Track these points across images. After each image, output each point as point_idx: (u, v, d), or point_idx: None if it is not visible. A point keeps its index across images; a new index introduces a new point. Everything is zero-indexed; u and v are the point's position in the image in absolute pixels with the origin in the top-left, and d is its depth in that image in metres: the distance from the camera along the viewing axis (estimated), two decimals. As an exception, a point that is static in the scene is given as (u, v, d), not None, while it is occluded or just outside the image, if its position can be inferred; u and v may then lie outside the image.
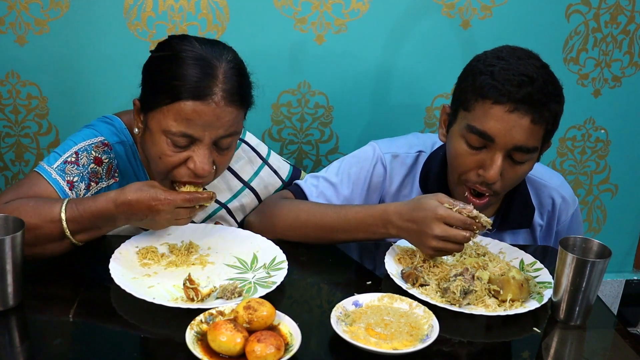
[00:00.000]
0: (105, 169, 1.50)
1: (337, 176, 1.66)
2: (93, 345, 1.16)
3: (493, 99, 1.43)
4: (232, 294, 1.28)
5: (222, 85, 1.38)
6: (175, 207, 1.32)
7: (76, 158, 1.46)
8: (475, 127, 1.45)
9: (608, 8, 2.10)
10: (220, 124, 1.38)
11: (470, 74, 1.49)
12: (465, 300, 1.31)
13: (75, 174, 1.45)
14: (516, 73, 1.42)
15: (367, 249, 1.60)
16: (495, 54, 1.49)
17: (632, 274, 2.55)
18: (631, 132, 2.30)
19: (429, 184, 1.64)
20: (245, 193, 1.68)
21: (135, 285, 1.29)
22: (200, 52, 1.39)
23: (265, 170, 1.71)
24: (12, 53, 1.91)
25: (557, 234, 1.72)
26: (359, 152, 1.70)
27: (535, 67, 1.44)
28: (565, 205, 1.69)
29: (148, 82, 1.44)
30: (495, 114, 1.43)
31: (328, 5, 1.97)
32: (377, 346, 1.15)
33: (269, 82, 2.03)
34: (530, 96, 1.41)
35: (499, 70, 1.43)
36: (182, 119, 1.36)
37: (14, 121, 2.00)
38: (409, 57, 2.07)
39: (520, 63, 1.44)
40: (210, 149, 1.40)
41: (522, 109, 1.41)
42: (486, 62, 1.47)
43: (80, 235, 1.36)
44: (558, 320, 1.30)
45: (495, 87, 1.42)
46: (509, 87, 1.41)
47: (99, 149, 1.49)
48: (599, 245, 1.32)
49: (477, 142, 1.47)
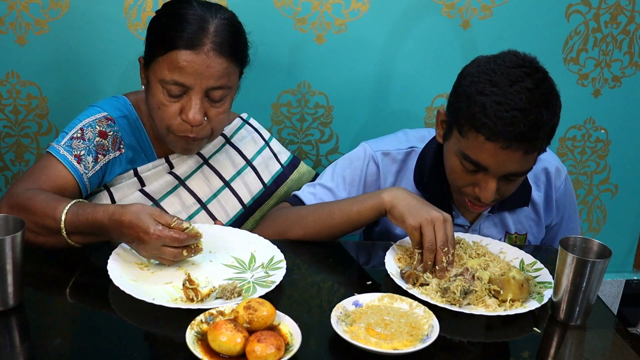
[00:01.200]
0: (111, 141, 1.56)
1: (333, 181, 1.68)
2: (93, 345, 1.16)
3: (486, 135, 1.42)
4: (232, 294, 1.28)
5: (213, 37, 1.47)
6: (161, 244, 1.30)
7: (82, 134, 1.53)
8: (469, 157, 1.47)
9: (608, 8, 2.10)
10: (210, 74, 1.46)
11: (464, 98, 1.46)
12: (466, 300, 1.31)
13: (82, 148, 1.52)
14: (509, 108, 1.39)
15: (367, 249, 1.60)
16: (489, 75, 1.43)
17: (632, 274, 2.55)
18: (631, 132, 2.30)
19: (424, 177, 1.65)
20: (248, 171, 1.71)
21: (135, 286, 1.28)
22: (198, 10, 1.49)
23: (267, 151, 1.76)
24: (12, 53, 1.91)
25: (556, 202, 1.75)
26: (351, 154, 1.72)
27: (529, 91, 1.40)
28: (558, 173, 1.74)
29: (148, 38, 1.54)
30: (488, 149, 1.44)
31: (328, 5, 1.97)
32: (378, 346, 1.15)
33: (269, 82, 2.04)
34: (522, 134, 1.40)
35: (491, 104, 1.40)
36: (174, 67, 1.46)
37: (14, 121, 2.00)
38: (408, 57, 2.07)
39: (512, 91, 1.40)
40: (202, 100, 1.48)
41: (515, 146, 1.42)
42: (478, 87, 1.43)
43: (76, 237, 1.38)
44: (558, 320, 1.30)
45: (488, 125, 1.40)
46: (501, 127, 1.39)
47: (102, 123, 1.56)
48: (599, 245, 1.32)
49: (471, 167, 1.49)
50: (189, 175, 1.64)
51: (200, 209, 1.64)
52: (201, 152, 1.66)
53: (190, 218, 1.63)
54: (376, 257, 1.52)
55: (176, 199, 1.62)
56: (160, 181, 1.62)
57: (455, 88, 1.52)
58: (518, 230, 1.72)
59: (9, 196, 1.43)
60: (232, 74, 1.52)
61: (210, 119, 1.52)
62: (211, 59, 1.46)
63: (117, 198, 1.59)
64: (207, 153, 1.67)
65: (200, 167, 1.66)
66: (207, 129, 1.53)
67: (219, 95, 1.50)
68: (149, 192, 1.60)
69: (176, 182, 1.63)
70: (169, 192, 1.62)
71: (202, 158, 1.67)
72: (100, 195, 1.59)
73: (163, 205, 1.61)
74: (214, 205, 1.66)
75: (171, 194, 1.63)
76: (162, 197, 1.62)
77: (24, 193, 1.42)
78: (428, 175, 1.64)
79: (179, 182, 1.63)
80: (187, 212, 1.63)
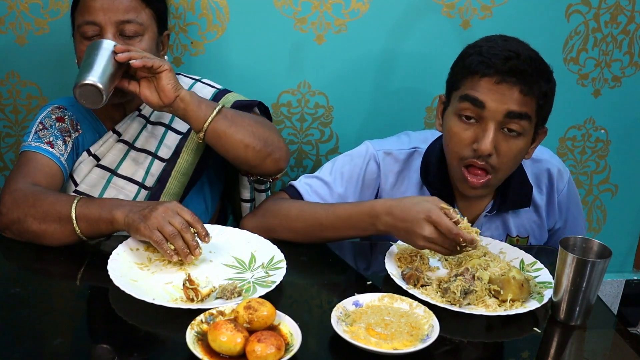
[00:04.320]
0: (69, 123, 1.67)
1: (331, 175, 1.68)
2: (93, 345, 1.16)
3: (480, 72, 1.48)
4: (232, 294, 1.28)
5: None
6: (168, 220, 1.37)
7: (42, 126, 1.64)
8: (466, 94, 1.50)
9: (608, 8, 2.10)
10: (117, 8, 1.56)
11: (460, 59, 1.56)
12: (466, 300, 1.31)
13: (49, 136, 1.62)
14: (503, 49, 1.49)
15: (367, 249, 1.60)
16: (485, 38, 1.56)
17: (632, 274, 2.55)
18: (631, 132, 2.30)
19: (430, 176, 1.66)
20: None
21: (135, 286, 1.28)
22: None
23: (198, 84, 1.78)
24: (12, 53, 1.91)
25: (559, 204, 1.74)
26: (353, 151, 1.72)
27: (522, 46, 1.51)
28: (560, 175, 1.73)
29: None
30: (483, 85, 1.48)
31: (328, 5, 1.97)
32: (378, 346, 1.15)
33: (269, 82, 2.04)
34: (516, 67, 1.46)
35: (487, 49, 1.50)
36: (84, 9, 1.57)
37: (14, 121, 2.00)
38: (408, 57, 2.07)
39: (507, 42, 1.51)
40: (115, 37, 1.56)
41: (510, 81, 1.47)
42: (475, 45, 1.55)
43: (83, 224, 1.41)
44: (558, 320, 1.30)
45: (482, 61, 1.48)
46: (495, 60, 1.47)
47: (55, 111, 1.68)
48: (599, 245, 1.32)
49: (469, 111, 1.50)
50: (137, 137, 1.70)
51: (153, 159, 1.69)
52: (143, 113, 1.71)
53: (148, 171, 1.68)
54: (376, 257, 1.52)
55: (130, 161, 1.69)
56: (113, 151, 1.68)
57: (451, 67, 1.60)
58: (520, 233, 1.71)
59: (10, 192, 1.46)
60: (141, 12, 1.59)
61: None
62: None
63: (79, 179, 1.65)
64: (148, 112, 1.71)
65: (144, 126, 1.70)
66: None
67: (131, 31, 1.57)
68: (106, 165, 1.68)
69: (127, 147, 1.69)
70: (123, 158, 1.69)
71: (144, 119, 1.71)
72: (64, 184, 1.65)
73: (121, 172, 1.67)
74: (164, 152, 1.70)
75: (125, 159, 1.69)
76: (118, 165, 1.68)
77: (27, 187, 1.48)
78: (433, 173, 1.65)
79: (129, 146, 1.69)
80: (143, 167, 1.68)
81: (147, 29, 1.60)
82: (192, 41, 1.96)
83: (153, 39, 1.63)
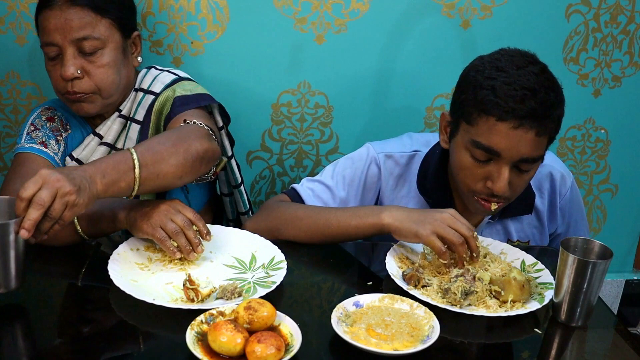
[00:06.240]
0: (59, 123, 1.69)
1: (333, 179, 1.67)
2: (93, 345, 1.16)
3: (497, 116, 1.42)
4: (232, 294, 1.28)
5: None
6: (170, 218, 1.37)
7: (34, 127, 1.66)
8: (480, 143, 1.45)
9: (608, 8, 2.10)
10: (70, 27, 1.53)
11: (471, 87, 1.47)
12: (466, 301, 1.31)
13: (41, 136, 1.64)
14: (518, 87, 1.41)
15: (367, 250, 1.60)
16: (494, 63, 1.46)
17: (632, 274, 2.55)
18: (631, 132, 2.30)
19: (427, 182, 1.64)
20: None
21: (135, 286, 1.28)
22: None
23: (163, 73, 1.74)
24: (12, 53, 1.91)
25: (561, 210, 1.73)
26: (354, 154, 1.71)
27: (535, 74, 1.43)
28: (563, 179, 1.71)
29: None
30: (500, 131, 1.42)
31: (328, 5, 1.97)
32: (378, 347, 1.15)
33: (269, 82, 2.04)
34: (534, 111, 1.40)
35: (500, 85, 1.42)
36: (42, 30, 1.56)
37: (14, 121, 2.00)
38: (409, 57, 2.07)
39: (520, 74, 1.42)
40: (75, 55, 1.56)
41: (527, 124, 1.41)
42: (485, 74, 1.45)
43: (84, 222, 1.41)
44: (559, 321, 1.30)
45: (498, 104, 1.41)
46: (512, 104, 1.40)
47: (45, 112, 1.70)
48: (600, 246, 1.32)
49: (482, 156, 1.47)
50: (117, 137, 1.70)
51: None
52: (123, 113, 1.69)
53: None
54: (377, 258, 1.52)
55: None
56: (96, 154, 1.68)
57: (459, 84, 1.52)
58: (520, 238, 1.71)
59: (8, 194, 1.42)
60: (97, 25, 1.56)
61: (90, 73, 1.57)
62: (65, 11, 1.53)
63: None
64: (128, 112, 1.70)
65: (124, 127, 1.70)
66: (90, 84, 1.58)
67: (89, 47, 1.55)
68: None
69: (109, 149, 1.69)
70: None
71: (124, 118, 1.70)
72: None
73: None
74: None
75: None
76: None
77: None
78: (431, 180, 1.63)
79: (111, 148, 1.69)
80: None
81: (107, 40, 1.58)
82: (192, 41, 1.96)
83: (117, 48, 1.61)
